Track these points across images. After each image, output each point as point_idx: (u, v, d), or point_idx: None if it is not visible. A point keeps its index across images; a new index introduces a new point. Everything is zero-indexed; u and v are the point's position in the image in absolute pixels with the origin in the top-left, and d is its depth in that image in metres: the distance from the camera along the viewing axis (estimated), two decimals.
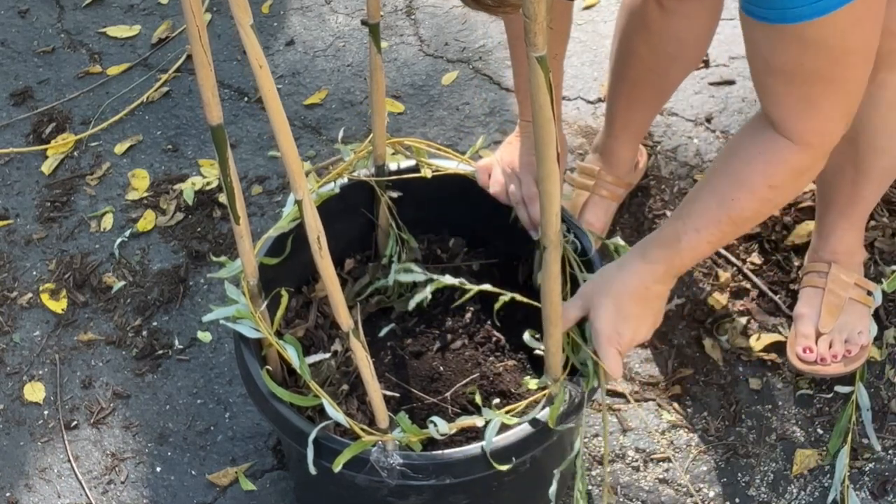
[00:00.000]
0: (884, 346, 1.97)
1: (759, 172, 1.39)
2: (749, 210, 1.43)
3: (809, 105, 1.34)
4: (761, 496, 1.82)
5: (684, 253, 1.46)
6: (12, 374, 2.07)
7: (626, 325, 1.46)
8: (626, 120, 2.06)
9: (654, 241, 1.48)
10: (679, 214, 1.46)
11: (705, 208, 1.43)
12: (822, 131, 1.37)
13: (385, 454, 1.44)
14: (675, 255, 1.46)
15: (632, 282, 1.47)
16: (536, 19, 1.02)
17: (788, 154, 1.37)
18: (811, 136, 1.36)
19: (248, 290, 1.52)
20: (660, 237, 1.48)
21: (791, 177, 1.40)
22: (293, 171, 1.17)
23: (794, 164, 1.38)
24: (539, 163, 1.21)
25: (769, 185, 1.39)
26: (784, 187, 1.42)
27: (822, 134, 1.37)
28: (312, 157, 2.37)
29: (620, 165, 2.11)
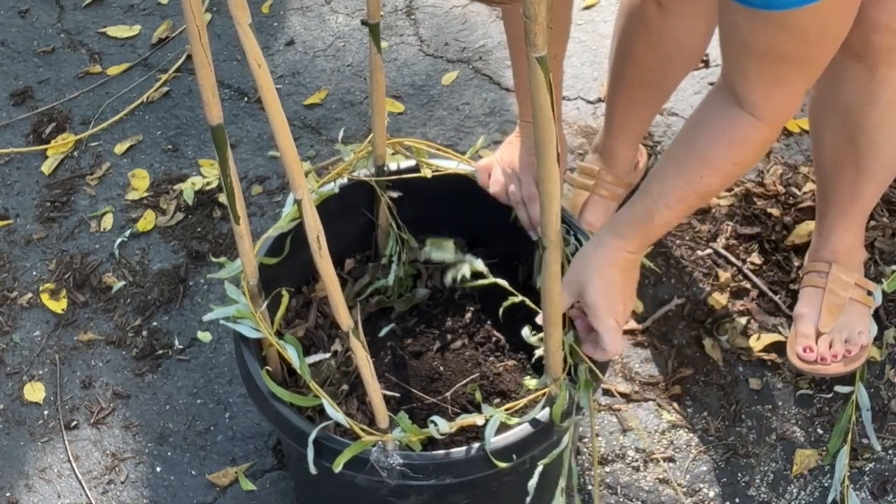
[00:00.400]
0: (884, 346, 1.97)
1: (723, 151, 1.44)
2: (715, 185, 1.49)
3: (779, 82, 1.37)
4: (761, 496, 1.82)
5: (657, 227, 1.52)
6: (12, 374, 2.07)
7: (617, 294, 1.50)
8: (625, 120, 2.06)
9: (626, 220, 1.53)
10: (648, 192, 1.51)
11: (673, 186, 1.48)
12: (786, 107, 1.42)
13: (385, 454, 1.44)
14: (649, 229, 1.52)
15: (611, 256, 1.51)
16: (536, 19, 1.02)
17: (752, 131, 1.41)
18: (774, 111, 1.41)
19: (248, 290, 1.52)
20: (631, 215, 1.53)
21: (754, 153, 1.46)
22: (293, 171, 1.17)
23: (756, 140, 1.43)
24: (539, 163, 1.21)
25: (734, 163, 1.45)
26: (747, 162, 1.48)
27: (786, 109, 1.42)
28: (312, 157, 2.37)
29: (620, 165, 2.11)
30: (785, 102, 1.41)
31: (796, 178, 2.21)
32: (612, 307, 1.49)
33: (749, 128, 1.41)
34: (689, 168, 1.47)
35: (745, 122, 1.41)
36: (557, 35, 1.70)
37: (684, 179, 1.47)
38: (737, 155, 1.45)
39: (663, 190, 1.49)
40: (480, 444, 1.46)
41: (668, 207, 1.49)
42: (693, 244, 2.14)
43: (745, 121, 1.41)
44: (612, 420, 1.92)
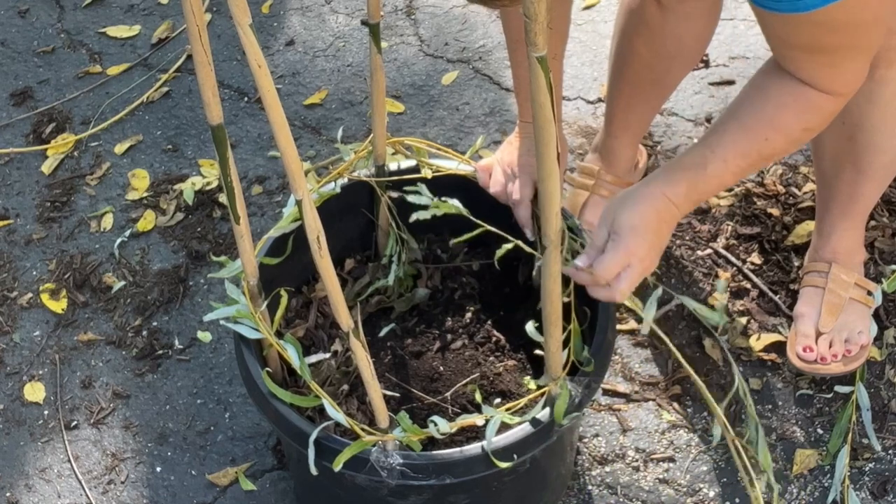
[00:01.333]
0: (884, 346, 1.97)
1: (794, 118, 1.43)
2: (779, 148, 1.48)
3: (835, 68, 1.39)
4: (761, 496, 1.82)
5: (709, 178, 1.48)
6: (12, 374, 2.07)
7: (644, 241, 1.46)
8: (625, 120, 2.06)
9: (679, 164, 1.50)
10: (707, 143, 1.48)
11: (735, 142, 1.46)
12: (851, 82, 1.43)
13: (385, 454, 1.45)
14: (699, 178, 1.47)
15: (652, 197, 1.47)
16: (537, 19, 1.02)
17: (823, 102, 1.42)
18: (841, 87, 1.42)
19: (249, 290, 1.52)
20: (685, 161, 1.50)
21: (825, 120, 1.46)
22: (293, 171, 1.17)
23: (829, 110, 1.44)
24: (539, 163, 1.21)
25: (804, 129, 1.45)
26: (817, 128, 1.48)
27: (852, 83, 1.43)
28: (312, 157, 2.37)
29: (620, 165, 2.11)
30: (848, 79, 1.42)
31: (796, 178, 2.21)
32: (634, 243, 1.45)
33: (819, 99, 1.42)
34: (754, 128, 1.45)
35: (814, 94, 1.41)
36: (557, 35, 1.70)
37: (749, 138, 1.46)
38: (809, 121, 1.45)
39: (723, 143, 1.46)
40: (480, 444, 1.46)
41: (725, 161, 1.46)
42: (693, 244, 2.14)
43: (813, 94, 1.41)
44: (612, 420, 1.92)
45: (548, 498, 1.76)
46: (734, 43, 2.47)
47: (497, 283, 1.87)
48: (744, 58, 2.45)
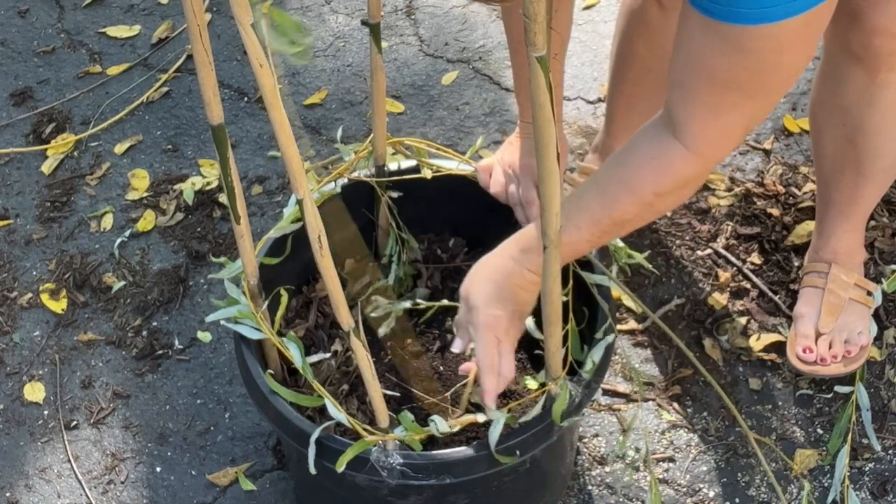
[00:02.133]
0: (884, 346, 1.97)
1: (647, 178, 1.39)
2: (630, 213, 1.42)
3: (717, 113, 1.33)
4: (761, 496, 1.82)
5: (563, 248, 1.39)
6: (12, 374, 2.07)
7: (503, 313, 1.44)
8: (626, 120, 2.06)
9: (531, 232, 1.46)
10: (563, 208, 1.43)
11: (588, 207, 1.43)
12: (717, 142, 1.36)
13: (385, 454, 1.45)
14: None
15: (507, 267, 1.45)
16: (536, 19, 1.02)
17: (679, 162, 1.36)
18: (706, 145, 1.36)
19: (249, 290, 1.52)
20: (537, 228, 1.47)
21: (677, 186, 1.40)
22: (293, 171, 1.17)
23: (682, 174, 1.38)
24: (539, 163, 1.21)
25: (655, 192, 1.39)
26: (668, 196, 1.41)
27: (717, 145, 1.37)
28: (312, 157, 2.37)
29: None
30: (720, 138, 1.36)
31: (796, 178, 2.21)
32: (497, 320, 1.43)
33: (677, 158, 1.36)
34: (609, 191, 1.42)
35: (675, 152, 1.36)
36: (558, 35, 1.70)
37: (600, 202, 1.41)
38: (660, 184, 1.39)
39: (578, 209, 1.43)
40: (480, 444, 1.46)
41: (578, 228, 1.42)
42: (693, 244, 2.14)
43: (675, 151, 1.36)
44: (612, 420, 1.92)
45: (548, 498, 1.76)
46: None
47: None
48: None
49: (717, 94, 1.32)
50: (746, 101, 1.32)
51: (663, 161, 1.37)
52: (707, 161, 1.38)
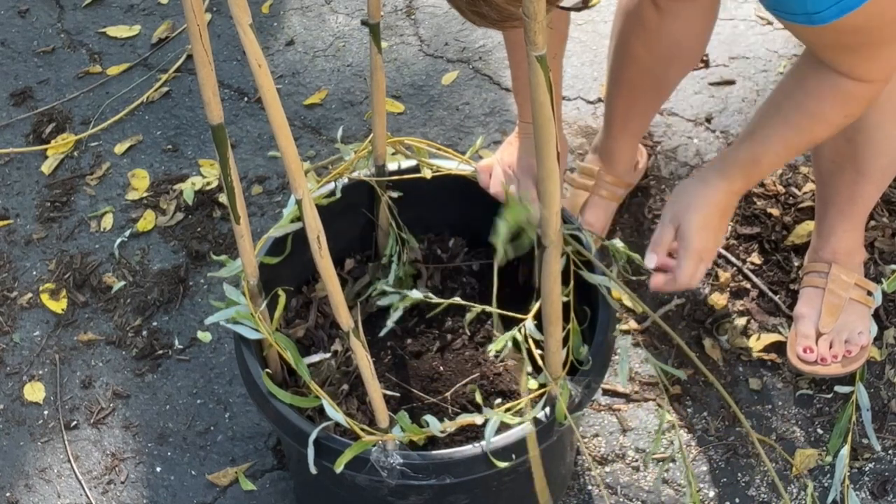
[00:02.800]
0: (884, 346, 1.97)
1: (835, 107, 1.50)
2: (825, 135, 1.57)
3: (871, 60, 1.43)
4: (761, 496, 1.82)
5: (764, 169, 1.60)
6: (12, 374, 2.07)
7: (711, 233, 1.60)
8: (625, 121, 2.06)
9: (733, 163, 1.60)
10: (753, 138, 1.58)
11: (782, 136, 1.55)
12: (886, 69, 1.47)
13: (385, 454, 1.44)
14: (755, 171, 1.59)
15: (715, 197, 1.59)
16: (536, 18, 1.02)
17: (861, 91, 1.48)
18: (878, 74, 1.47)
19: (249, 290, 1.52)
20: (737, 159, 1.59)
21: (864, 105, 1.52)
22: (293, 171, 1.17)
23: (867, 96, 1.50)
24: (539, 163, 1.21)
25: (845, 115, 1.52)
26: (857, 115, 1.54)
27: (888, 70, 1.48)
28: (312, 157, 2.37)
29: (620, 165, 2.11)
30: (884, 66, 1.46)
31: (796, 178, 2.21)
32: (703, 244, 1.58)
33: (858, 88, 1.47)
34: (798, 122, 1.53)
35: (852, 85, 1.46)
36: (557, 34, 1.70)
37: (794, 131, 1.54)
38: (848, 109, 1.51)
39: (770, 137, 1.56)
40: (480, 445, 1.46)
41: (777, 154, 1.57)
42: None
43: (850, 84, 1.46)
44: (612, 420, 1.92)
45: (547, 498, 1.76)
46: (734, 43, 2.47)
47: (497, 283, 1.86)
48: (744, 58, 2.45)
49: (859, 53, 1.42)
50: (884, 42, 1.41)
51: (846, 93, 1.48)
52: (886, 80, 1.49)
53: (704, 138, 2.32)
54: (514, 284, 1.85)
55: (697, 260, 1.60)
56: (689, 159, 2.28)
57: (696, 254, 1.60)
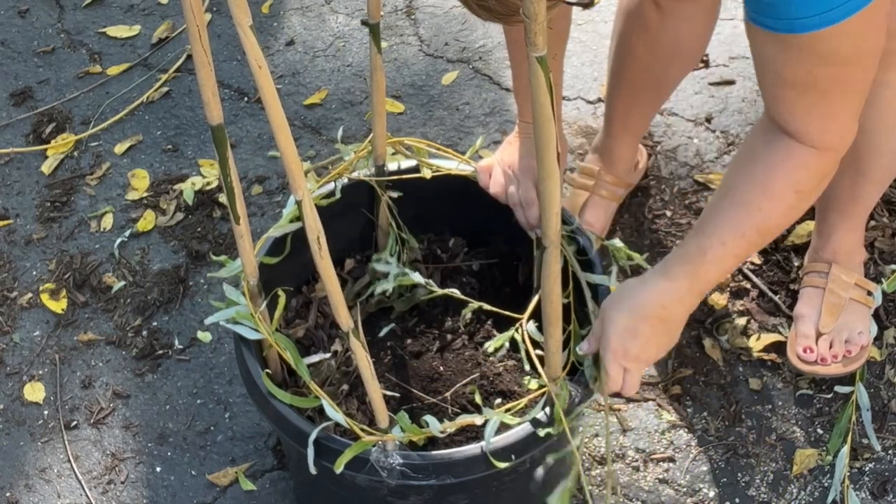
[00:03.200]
0: (884, 346, 1.97)
1: (783, 179, 1.36)
2: (776, 217, 1.40)
3: (827, 112, 1.33)
4: (761, 496, 1.82)
5: (709, 267, 1.40)
6: (12, 374, 2.07)
7: (635, 343, 1.43)
8: (624, 120, 2.06)
9: (677, 258, 1.43)
10: (701, 229, 1.41)
11: (730, 219, 1.39)
12: (841, 133, 1.36)
13: (385, 454, 1.44)
14: (700, 270, 1.40)
15: (651, 299, 1.42)
16: (536, 19, 1.02)
17: (812, 159, 1.35)
18: (832, 139, 1.35)
19: (248, 290, 1.52)
20: (682, 253, 1.42)
21: (817, 180, 1.39)
22: (293, 171, 1.17)
23: (819, 168, 1.37)
24: (539, 163, 1.21)
25: (796, 191, 1.37)
26: (810, 191, 1.40)
27: (842, 135, 1.36)
28: (312, 157, 2.37)
29: (620, 165, 2.11)
30: (838, 128, 1.35)
31: None
32: (622, 351, 1.43)
33: (808, 155, 1.35)
34: (746, 199, 1.38)
35: (803, 150, 1.35)
36: (557, 35, 1.70)
37: (742, 211, 1.38)
38: (798, 182, 1.37)
39: (718, 224, 1.39)
40: (480, 445, 1.46)
41: (723, 244, 1.38)
42: None
43: (805, 151, 1.35)
44: (612, 420, 1.92)
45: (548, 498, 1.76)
46: (734, 43, 2.47)
47: (497, 283, 1.87)
48: (744, 58, 2.45)
49: (817, 98, 1.31)
50: (847, 92, 1.32)
51: (797, 161, 1.35)
52: (841, 149, 1.37)
53: (704, 138, 2.32)
54: (514, 284, 1.85)
55: (619, 367, 1.44)
56: (689, 159, 2.28)
57: (615, 357, 1.43)
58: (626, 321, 1.43)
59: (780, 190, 1.37)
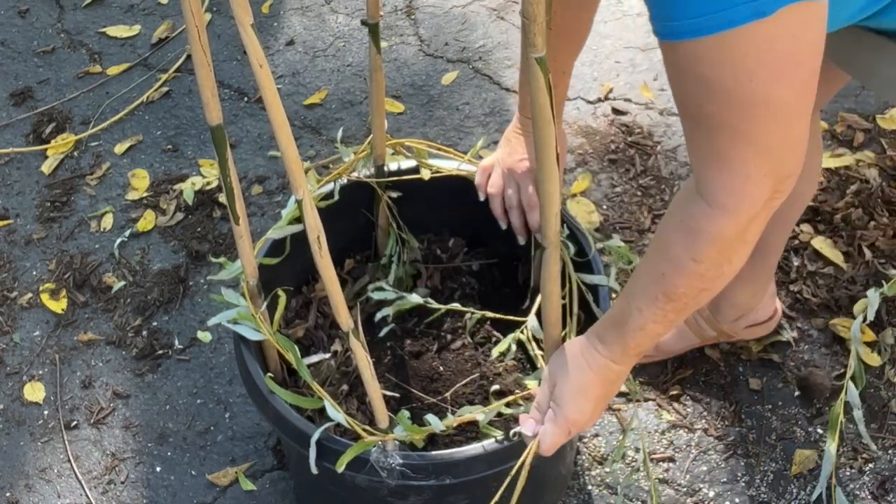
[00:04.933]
0: (884, 346, 1.97)
1: (680, 243, 1.20)
2: (682, 286, 1.23)
3: (719, 157, 1.12)
4: (761, 496, 1.82)
5: (634, 334, 1.30)
6: (12, 374, 2.07)
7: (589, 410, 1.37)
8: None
9: (608, 320, 1.34)
10: (624, 291, 1.31)
11: (643, 285, 1.27)
12: (736, 191, 1.13)
13: (385, 454, 1.44)
14: (627, 336, 1.31)
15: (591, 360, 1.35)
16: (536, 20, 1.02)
17: (704, 220, 1.16)
18: (725, 195, 1.14)
19: (248, 291, 1.52)
20: (612, 315, 1.33)
21: (712, 248, 1.18)
22: (293, 171, 1.17)
23: (711, 232, 1.17)
24: (538, 164, 1.21)
25: (692, 259, 1.19)
26: (709, 260, 1.19)
27: (738, 195, 1.13)
28: (312, 157, 2.37)
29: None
30: (732, 184, 1.13)
31: None
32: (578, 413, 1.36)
33: (701, 216, 1.16)
34: (653, 264, 1.25)
35: (699, 209, 1.16)
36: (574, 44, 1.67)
37: (650, 277, 1.25)
38: (693, 248, 1.18)
39: (636, 289, 1.28)
40: (480, 445, 1.46)
41: (640, 311, 1.27)
42: None
43: (698, 208, 1.16)
44: (612, 420, 1.92)
45: (548, 498, 1.76)
46: None
47: (497, 283, 1.87)
48: None
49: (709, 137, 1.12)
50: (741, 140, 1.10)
51: (691, 222, 1.18)
52: (734, 214, 1.15)
53: None
54: (514, 284, 1.85)
55: (566, 432, 1.37)
56: (689, 159, 2.28)
57: (566, 423, 1.36)
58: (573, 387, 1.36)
59: (676, 255, 1.21)
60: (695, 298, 1.26)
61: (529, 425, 1.40)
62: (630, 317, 1.28)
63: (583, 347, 1.36)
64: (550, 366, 1.40)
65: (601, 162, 2.30)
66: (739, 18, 1.00)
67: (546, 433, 1.37)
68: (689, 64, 1.07)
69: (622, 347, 1.32)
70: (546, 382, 1.40)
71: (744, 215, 1.15)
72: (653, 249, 1.26)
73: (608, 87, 2.47)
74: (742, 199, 1.14)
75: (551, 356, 1.41)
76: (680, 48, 1.05)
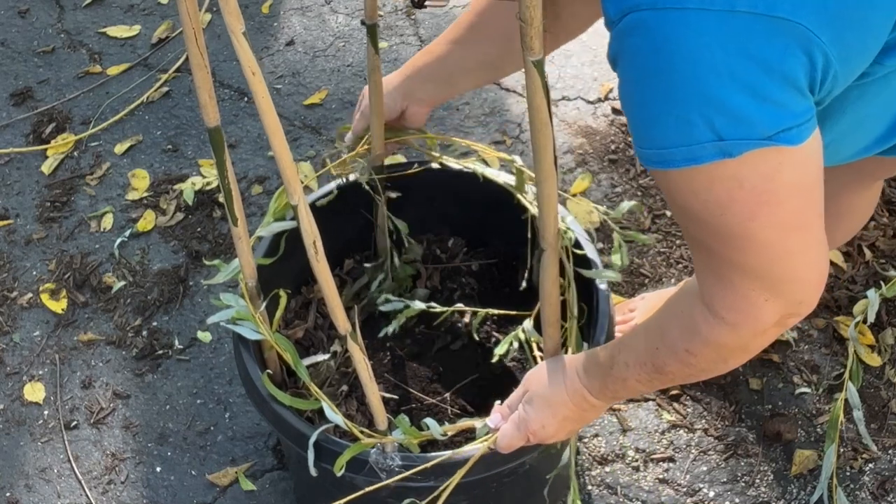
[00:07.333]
0: (884, 346, 1.97)
1: (677, 333, 1.19)
2: (671, 366, 1.22)
3: (718, 274, 1.10)
4: (761, 496, 1.82)
5: (615, 381, 1.30)
6: (12, 374, 2.07)
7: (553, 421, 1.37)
8: None
9: (596, 357, 1.34)
10: (618, 341, 1.32)
11: (637, 346, 1.27)
12: (737, 308, 1.10)
13: (384, 456, 1.45)
14: (608, 380, 1.31)
15: (572, 385, 1.36)
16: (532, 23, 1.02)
17: (704, 326, 1.14)
18: (725, 310, 1.11)
19: (247, 292, 1.52)
20: (601, 353, 1.33)
21: (708, 350, 1.17)
22: (288, 177, 1.17)
23: (708, 338, 1.15)
24: (536, 165, 1.21)
25: (686, 350, 1.18)
26: (702, 358, 1.18)
27: (739, 311, 1.11)
28: (312, 157, 2.37)
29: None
30: (733, 301, 1.10)
31: None
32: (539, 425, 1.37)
33: (701, 320, 1.14)
34: (651, 335, 1.25)
35: (699, 312, 1.15)
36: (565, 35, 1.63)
37: (645, 345, 1.25)
38: (689, 343, 1.18)
39: (628, 346, 1.28)
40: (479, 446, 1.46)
41: (626, 366, 1.27)
42: None
43: (699, 311, 1.15)
44: (612, 420, 1.92)
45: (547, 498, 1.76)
46: None
47: (496, 283, 1.87)
48: None
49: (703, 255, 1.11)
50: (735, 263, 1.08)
51: (689, 320, 1.16)
52: (735, 329, 1.12)
53: None
54: (514, 284, 1.85)
55: (524, 438, 1.38)
56: None
57: (527, 430, 1.37)
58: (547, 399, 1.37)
59: (673, 340, 1.20)
60: (683, 379, 1.26)
61: (495, 418, 1.43)
62: (617, 366, 1.28)
63: (567, 367, 1.37)
64: (534, 370, 1.41)
65: (601, 162, 2.30)
66: (705, 156, 0.99)
67: (505, 433, 1.39)
68: (665, 188, 1.07)
69: (601, 387, 1.32)
70: (523, 384, 1.41)
71: (746, 332, 1.12)
72: (654, 322, 1.25)
73: (608, 87, 2.47)
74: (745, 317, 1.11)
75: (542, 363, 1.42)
76: (655, 173, 1.05)
